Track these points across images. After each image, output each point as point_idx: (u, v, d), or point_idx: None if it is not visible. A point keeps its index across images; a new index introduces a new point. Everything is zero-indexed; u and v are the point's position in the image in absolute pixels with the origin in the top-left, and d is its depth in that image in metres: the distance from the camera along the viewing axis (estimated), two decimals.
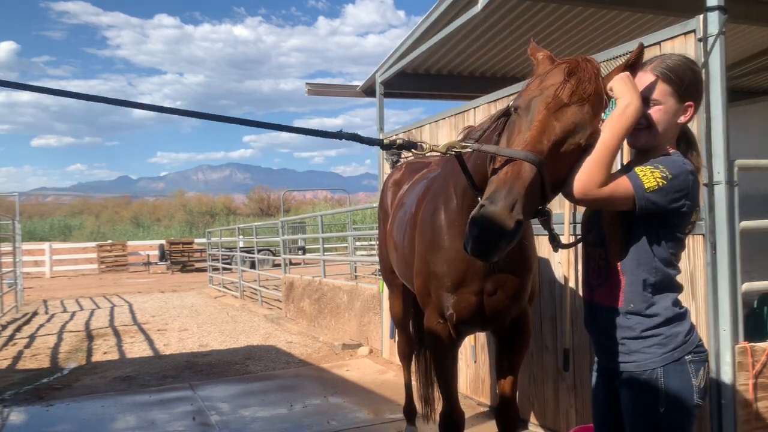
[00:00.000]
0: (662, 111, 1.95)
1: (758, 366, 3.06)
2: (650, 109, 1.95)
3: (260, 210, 59.98)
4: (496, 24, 5.69)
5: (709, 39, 3.03)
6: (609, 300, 2.04)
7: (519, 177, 1.76)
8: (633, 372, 1.99)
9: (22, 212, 22.40)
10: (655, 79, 1.95)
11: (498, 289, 2.75)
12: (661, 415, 1.94)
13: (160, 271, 25.30)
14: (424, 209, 3.08)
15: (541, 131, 1.82)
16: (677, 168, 1.90)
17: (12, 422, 5.18)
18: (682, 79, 1.95)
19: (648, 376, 1.96)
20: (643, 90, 1.94)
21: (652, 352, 1.96)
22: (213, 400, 5.63)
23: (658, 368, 1.95)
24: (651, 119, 1.95)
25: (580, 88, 1.85)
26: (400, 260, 3.59)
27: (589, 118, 1.85)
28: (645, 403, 1.97)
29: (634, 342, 1.99)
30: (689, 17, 3.17)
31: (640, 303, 1.98)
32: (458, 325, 2.87)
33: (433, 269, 2.85)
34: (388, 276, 4.42)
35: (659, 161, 1.92)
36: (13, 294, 13.91)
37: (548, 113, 1.84)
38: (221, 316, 11.67)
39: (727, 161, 3.03)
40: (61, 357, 8.03)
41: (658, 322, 1.97)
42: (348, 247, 16.65)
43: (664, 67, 1.96)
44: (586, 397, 3.89)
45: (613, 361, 2.05)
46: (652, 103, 1.95)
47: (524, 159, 1.77)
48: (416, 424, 4.49)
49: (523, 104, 1.93)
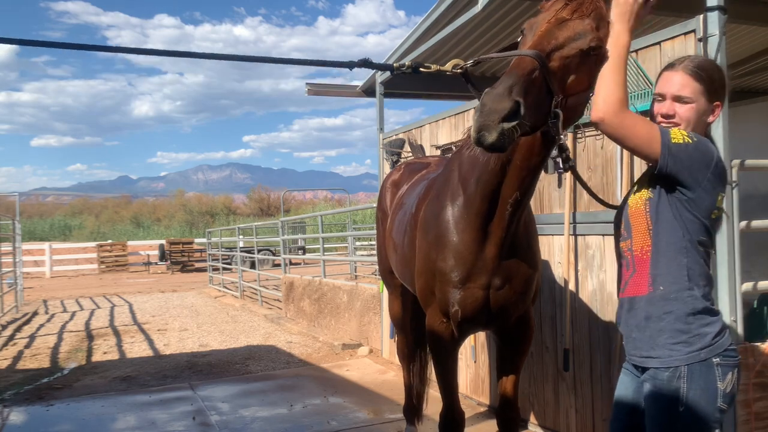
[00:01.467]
0: (694, 109, 1.99)
1: (758, 366, 3.06)
2: (682, 107, 1.99)
3: (260, 210, 59.96)
4: (496, 24, 5.69)
5: (709, 39, 3.03)
6: (638, 289, 2.03)
7: (518, 66, 1.90)
8: (657, 368, 1.98)
9: (22, 212, 22.41)
10: (686, 78, 1.99)
11: (504, 284, 2.74)
12: (680, 415, 1.92)
13: (160, 271, 25.30)
14: (426, 208, 3.06)
15: (542, 36, 1.97)
16: (704, 141, 1.94)
17: (12, 422, 5.18)
18: (712, 78, 1.99)
19: (671, 374, 1.94)
20: (675, 88, 1.99)
21: (678, 350, 1.94)
22: (213, 400, 5.63)
23: (682, 366, 1.93)
24: (682, 116, 1.99)
25: (581, 8, 1.98)
26: (400, 261, 3.57)
27: (590, 29, 1.97)
28: (664, 401, 1.95)
29: (661, 336, 1.97)
30: (689, 17, 3.17)
31: (669, 285, 1.96)
32: (462, 323, 2.85)
33: (439, 266, 2.83)
34: (386, 277, 4.40)
35: (688, 134, 1.93)
36: (13, 294, 13.91)
37: (549, 26, 1.99)
38: (221, 316, 11.67)
39: (727, 161, 3.03)
40: (61, 357, 8.03)
41: (685, 311, 1.94)
42: (348, 247, 16.65)
43: (695, 66, 1.99)
44: (586, 397, 3.89)
45: (641, 357, 2.04)
46: (685, 100, 1.98)
47: (523, 54, 1.93)
48: (416, 424, 4.49)
49: (528, 26, 2.10)
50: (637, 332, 2.04)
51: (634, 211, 2.05)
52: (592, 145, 3.83)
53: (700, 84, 1.98)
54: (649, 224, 2.00)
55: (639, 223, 2.03)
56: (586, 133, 3.89)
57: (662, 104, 2.03)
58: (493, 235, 2.62)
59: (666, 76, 2.03)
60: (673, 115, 1.99)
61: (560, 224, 3.99)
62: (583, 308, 3.90)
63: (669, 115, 2.00)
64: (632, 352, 2.08)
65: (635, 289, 2.04)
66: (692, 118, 1.98)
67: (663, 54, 3.32)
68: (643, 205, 2.02)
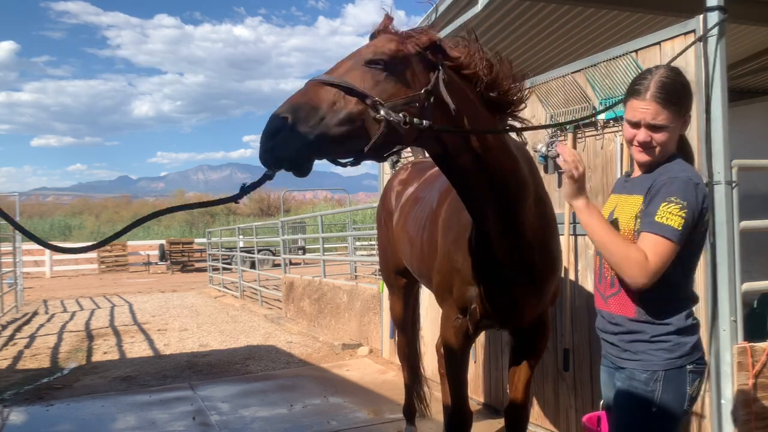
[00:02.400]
0: (669, 133, 2.03)
1: (758, 366, 3.06)
2: (658, 134, 2.02)
3: (260, 210, 59.93)
4: (496, 24, 5.68)
5: (709, 39, 3.03)
6: (622, 310, 2.10)
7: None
8: (635, 369, 2.06)
9: (22, 212, 22.42)
10: (657, 107, 2.00)
11: (521, 285, 2.71)
12: (652, 415, 2.03)
13: (160, 271, 25.30)
14: (448, 206, 3.03)
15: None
16: (685, 190, 1.95)
17: (12, 422, 5.18)
18: (679, 97, 2.03)
19: (648, 376, 2.03)
20: (649, 117, 2.01)
21: (658, 356, 2.03)
22: (213, 400, 5.63)
23: (660, 371, 2.02)
24: (659, 141, 2.03)
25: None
26: (416, 255, 3.52)
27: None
28: (639, 401, 2.04)
29: (642, 344, 2.06)
30: (689, 17, 3.17)
31: (654, 313, 2.04)
32: (480, 320, 2.83)
33: (457, 266, 2.81)
34: (389, 277, 4.38)
35: (666, 186, 1.97)
36: (13, 294, 13.91)
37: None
38: (221, 316, 11.67)
39: (727, 161, 3.03)
40: (61, 357, 8.03)
41: (669, 330, 2.03)
42: (348, 247, 16.63)
43: (662, 91, 2.00)
44: (586, 396, 3.89)
45: (619, 359, 2.13)
46: (660, 128, 2.01)
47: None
48: (416, 424, 4.50)
49: None
50: (617, 340, 2.13)
51: (625, 234, 2.07)
52: (592, 145, 3.84)
53: (669, 110, 2.00)
54: None
55: None
56: (586, 133, 3.89)
57: (638, 132, 2.04)
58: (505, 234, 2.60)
59: (635, 104, 2.03)
60: (650, 141, 2.02)
61: (560, 224, 3.99)
62: (583, 308, 3.91)
63: (646, 143, 2.03)
64: (610, 350, 2.18)
65: (619, 308, 2.11)
66: (668, 141, 2.04)
67: (663, 54, 3.32)
68: (631, 235, 2.05)
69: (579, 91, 3.89)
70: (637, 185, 2.11)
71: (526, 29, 5.85)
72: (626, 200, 2.13)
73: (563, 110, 4.02)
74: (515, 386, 3.07)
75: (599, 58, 3.73)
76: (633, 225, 2.05)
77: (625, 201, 2.14)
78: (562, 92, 4.02)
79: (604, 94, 3.69)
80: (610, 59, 3.62)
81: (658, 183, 2.00)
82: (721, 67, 3.02)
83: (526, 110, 4.41)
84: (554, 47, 6.36)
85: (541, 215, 2.69)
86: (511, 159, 2.42)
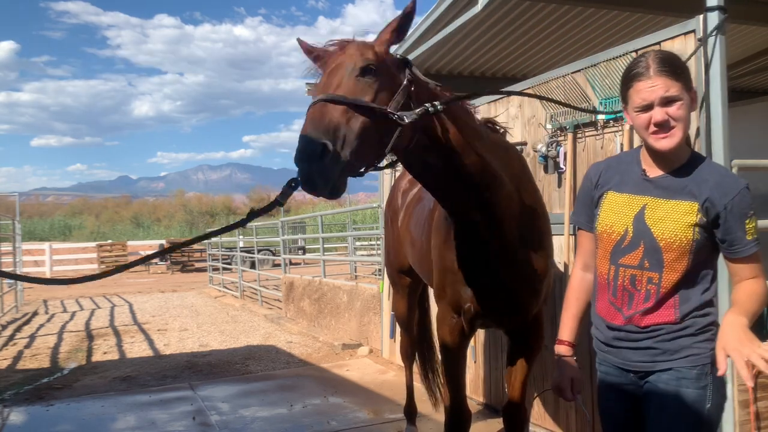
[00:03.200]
0: (685, 105, 1.88)
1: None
2: (674, 109, 1.86)
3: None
4: (496, 24, 5.69)
5: (709, 39, 3.03)
6: (661, 319, 1.95)
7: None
8: (683, 368, 1.92)
9: (22, 212, 22.40)
10: (666, 80, 1.86)
11: (514, 283, 2.73)
12: (707, 410, 1.91)
13: (160, 271, 25.30)
14: (440, 206, 3.07)
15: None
16: (749, 197, 1.89)
17: (12, 422, 5.18)
18: (682, 68, 1.92)
19: (699, 372, 1.91)
20: (661, 91, 1.86)
21: (704, 347, 1.92)
22: (213, 400, 5.63)
23: (708, 364, 1.91)
24: (678, 117, 1.87)
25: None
26: (417, 255, 3.55)
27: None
28: (693, 400, 1.91)
29: (686, 339, 1.93)
30: (689, 17, 3.17)
31: (698, 307, 1.95)
32: (473, 320, 2.85)
33: (449, 264, 2.83)
34: (394, 276, 4.39)
35: (738, 204, 1.87)
36: (13, 294, 13.92)
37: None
38: (221, 316, 11.67)
39: (727, 161, 3.03)
40: (61, 357, 8.03)
41: (710, 321, 1.95)
42: (348, 247, 16.64)
43: (664, 64, 1.88)
44: (586, 397, 3.89)
45: (654, 363, 1.97)
46: (675, 100, 1.86)
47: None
48: (416, 424, 4.50)
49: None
50: (652, 343, 1.97)
51: (676, 249, 1.91)
52: (592, 145, 3.83)
53: (679, 80, 1.87)
54: (689, 265, 1.92)
55: (679, 259, 1.92)
56: (586, 133, 3.89)
57: (651, 113, 1.88)
58: (483, 238, 2.62)
59: (641, 86, 1.88)
60: (668, 120, 1.86)
61: (560, 224, 3.99)
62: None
63: (663, 122, 1.86)
64: (635, 358, 2.00)
65: (657, 318, 1.96)
66: (685, 116, 1.88)
67: None
68: (689, 245, 1.91)
69: (579, 91, 3.89)
70: (675, 189, 1.93)
71: (526, 29, 5.85)
72: (664, 205, 1.94)
73: (563, 110, 4.02)
74: (512, 385, 3.10)
75: (599, 58, 3.73)
76: (691, 235, 1.89)
77: (661, 206, 1.94)
78: (562, 92, 4.02)
79: (604, 94, 3.70)
80: (610, 59, 3.62)
81: (724, 201, 1.87)
82: (721, 67, 3.02)
83: (527, 110, 4.43)
84: (554, 47, 6.36)
85: (528, 210, 2.71)
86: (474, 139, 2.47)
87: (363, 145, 1.91)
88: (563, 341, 2.25)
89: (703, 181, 1.90)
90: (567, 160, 3.97)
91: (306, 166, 1.80)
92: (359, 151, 1.90)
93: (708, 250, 1.94)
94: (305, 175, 1.81)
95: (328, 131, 1.83)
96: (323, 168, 1.80)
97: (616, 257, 2.01)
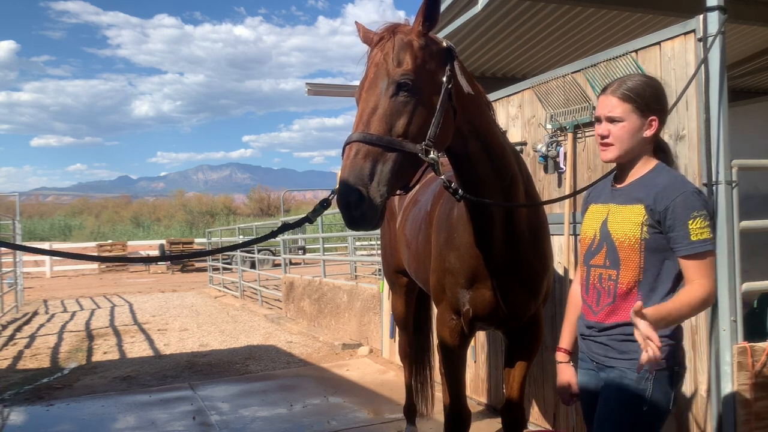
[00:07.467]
0: (625, 128, 2.11)
1: (758, 366, 3.06)
2: (614, 127, 2.11)
3: (260, 210, 59.93)
4: (496, 24, 5.69)
5: (709, 39, 3.03)
6: (617, 317, 2.13)
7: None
8: (627, 369, 2.10)
9: (22, 212, 22.43)
10: (615, 100, 2.11)
11: (514, 285, 2.75)
12: (643, 414, 2.07)
13: (160, 270, 25.27)
14: (440, 208, 3.07)
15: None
16: (699, 200, 2.02)
17: (12, 422, 5.19)
18: (641, 96, 2.10)
19: (641, 376, 2.05)
20: (607, 110, 2.12)
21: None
22: (213, 400, 5.64)
23: (651, 371, 2.05)
24: (615, 135, 2.11)
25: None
26: (413, 257, 3.55)
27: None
28: (630, 400, 2.08)
29: (634, 344, 2.02)
30: (689, 17, 3.17)
31: None
32: (473, 321, 2.86)
33: (449, 266, 2.84)
34: (391, 276, 4.39)
35: (681, 205, 2.00)
36: (13, 294, 13.92)
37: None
38: (221, 316, 11.67)
39: (727, 161, 3.03)
40: (61, 357, 8.03)
41: (661, 333, 2.00)
42: (348, 247, 16.63)
43: (624, 89, 2.11)
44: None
45: (607, 358, 2.16)
46: (616, 120, 2.11)
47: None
48: (416, 424, 4.50)
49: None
50: (607, 339, 2.17)
51: (627, 247, 2.10)
52: (592, 145, 3.83)
53: (628, 104, 2.09)
54: (642, 263, 2.08)
55: (631, 257, 2.09)
56: (586, 133, 3.89)
57: (599, 126, 2.16)
58: (495, 235, 2.63)
59: (600, 100, 2.17)
60: (608, 135, 2.12)
61: (560, 224, 3.99)
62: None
63: (604, 136, 2.13)
64: (597, 351, 2.20)
65: (615, 316, 2.14)
66: (624, 136, 2.11)
67: (663, 54, 3.32)
68: (637, 243, 2.08)
69: (579, 90, 3.89)
70: (629, 195, 2.15)
71: (526, 29, 5.85)
72: (621, 210, 2.15)
73: (563, 110, 4.02)
74: (510, 385, 3.10)
75: (599, 58, 3.73)
76: (639, 233, 2.08)
77: (620, 211, 2.16)
78: (562, 92, 4.02)
79: None
80: (610, 59, 3.62)
81: (666, 202, 2.02)
82: (721, 67, 3.02)
83: (527, 110, 4.43)
84: (554, 47, 6.36)
85: (533, 210, 2.76)
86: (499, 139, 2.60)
87: (397, 179, 2.10)
88: (560, 348, 2.49)
89: (654, 186, 2.09)
90: (567, 160, 3.97)
91: (347, 213, 2.01)
92: (395, 185, 2.10)
93: (663, 251, 2.07)
94: (348, 218, 2.02)
95: (362, 177, 2.01)
96: (363, 213, 2.00)
97: (588, 259, 2.25)
